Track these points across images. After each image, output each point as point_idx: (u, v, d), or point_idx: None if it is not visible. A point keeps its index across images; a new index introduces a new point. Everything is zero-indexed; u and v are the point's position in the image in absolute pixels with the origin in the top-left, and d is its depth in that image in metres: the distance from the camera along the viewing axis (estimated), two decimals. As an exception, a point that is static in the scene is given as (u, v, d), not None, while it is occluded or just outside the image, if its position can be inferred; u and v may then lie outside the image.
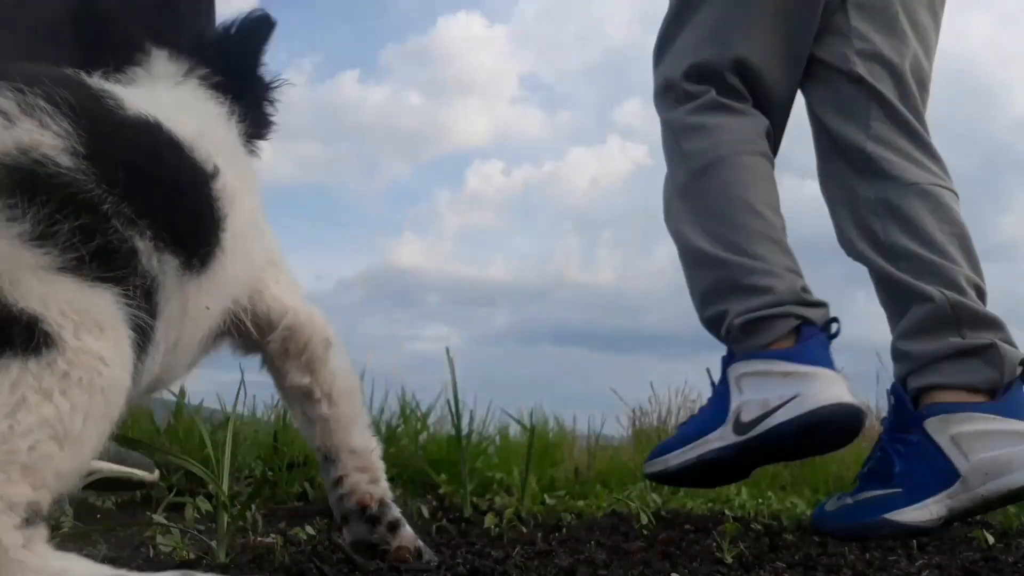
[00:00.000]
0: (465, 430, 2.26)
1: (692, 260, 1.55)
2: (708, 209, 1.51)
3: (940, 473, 1.41)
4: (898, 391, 1.52)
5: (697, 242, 1.50)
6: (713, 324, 1.53)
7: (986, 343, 1.45)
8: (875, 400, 5.07)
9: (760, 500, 2.46)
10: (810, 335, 1.40)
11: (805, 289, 1.48)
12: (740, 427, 1.40)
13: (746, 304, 1.42)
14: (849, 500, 1.52)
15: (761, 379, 1.39)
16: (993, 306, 1.63)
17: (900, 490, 1.45)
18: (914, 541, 1.64)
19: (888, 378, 1.65)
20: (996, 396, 1.42)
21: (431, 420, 2.92)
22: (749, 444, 1.44)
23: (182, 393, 2.35)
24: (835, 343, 1.56)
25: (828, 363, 1.40)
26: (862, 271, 1.75)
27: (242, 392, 2.10)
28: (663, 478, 1.67)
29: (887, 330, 1.69)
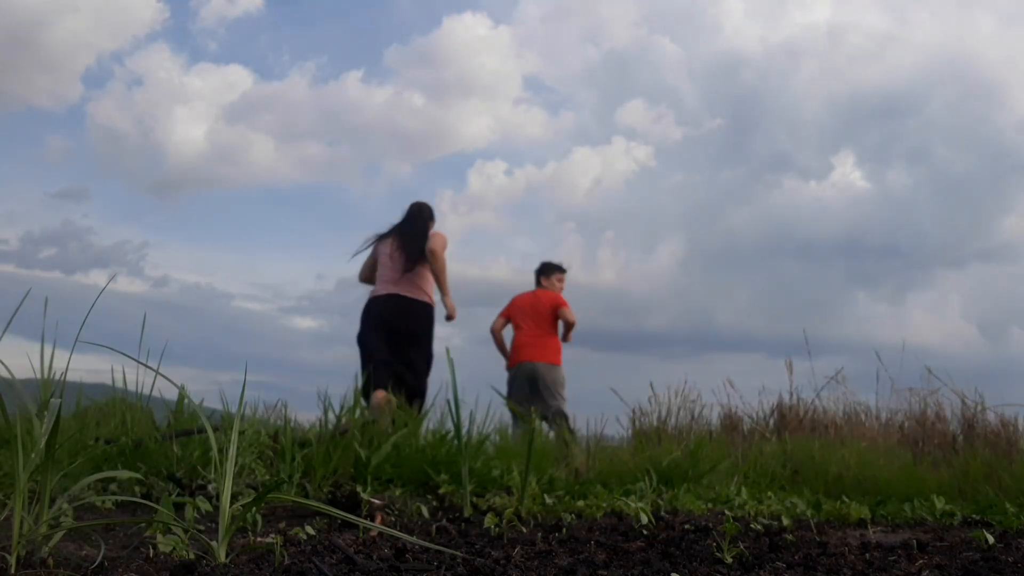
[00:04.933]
0: (465, 430, 2.26)
1: None
2: None
3: None
4: None
5: None
6: None
7: None
8: (875, 399, 5.06)
9: (760, 500, 2.46)
10: None
11: None
12: None
13: None
14: None
15: None
16: (994, 306, 1.64)
17: None
18: (914, 541, 1.64)
19: (888, 378, 1.68)
20: None
21: (431, 420, 2.93)
22: None
23: (182, 394, 2.35)
24: (835, 343, 1.68)
25: None
26: (862, 271, 1.77)
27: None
28: None
29: (887, 330, 1.71)
